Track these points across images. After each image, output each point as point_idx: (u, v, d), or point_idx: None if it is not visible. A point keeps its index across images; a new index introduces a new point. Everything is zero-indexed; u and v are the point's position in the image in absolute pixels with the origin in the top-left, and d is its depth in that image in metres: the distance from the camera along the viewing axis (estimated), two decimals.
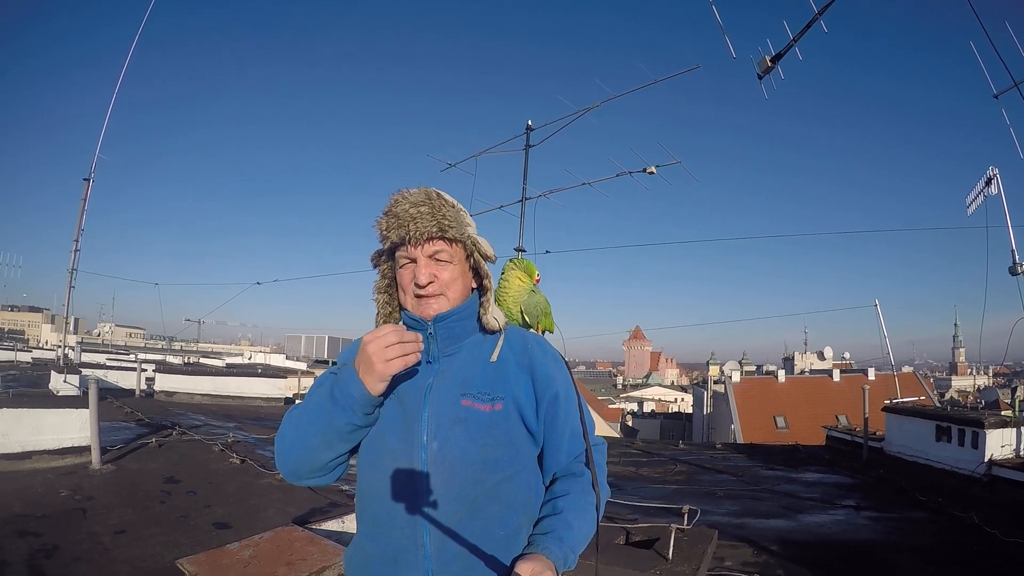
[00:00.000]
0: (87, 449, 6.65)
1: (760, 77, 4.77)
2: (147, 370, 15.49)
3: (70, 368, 11.65)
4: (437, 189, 1.51)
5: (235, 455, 7.49)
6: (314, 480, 1.46)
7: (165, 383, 15.07)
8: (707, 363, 70.94)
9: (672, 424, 48.05)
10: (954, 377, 73.82)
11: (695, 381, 69.57)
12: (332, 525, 4.72)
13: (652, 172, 8.98)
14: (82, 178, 13.69)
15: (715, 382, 41.34)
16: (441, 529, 1.33)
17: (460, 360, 1.48)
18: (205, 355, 35.01)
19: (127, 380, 14.87)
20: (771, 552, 4.76)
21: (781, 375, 36.88)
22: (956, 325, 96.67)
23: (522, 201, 9.73)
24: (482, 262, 1.55)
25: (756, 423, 31.29)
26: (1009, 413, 8.41)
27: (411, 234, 1.42)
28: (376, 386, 1.31)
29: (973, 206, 7.33)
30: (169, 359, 24.63)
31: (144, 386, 14.64)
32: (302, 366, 26.14)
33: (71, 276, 13.08)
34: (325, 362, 32.78)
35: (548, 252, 9.42)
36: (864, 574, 4.51)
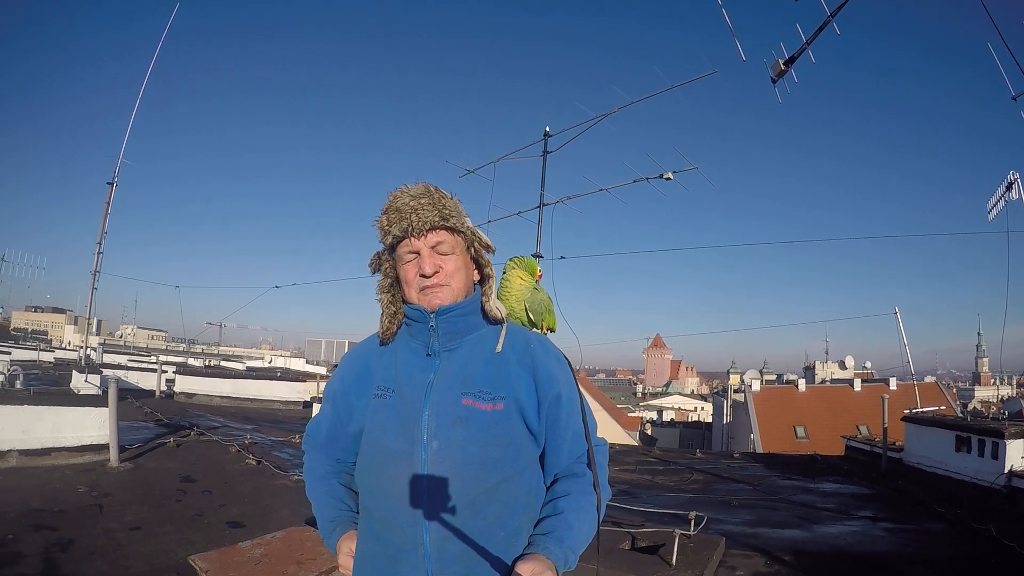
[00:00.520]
0: (106, 447, 6.76)
1: (774, 81, 4.74)
2: (167, 371, 15.70)
3: (91, 368, 11.86)
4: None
5: (251, 456, 7.56)
6: None
7: (185, 385, 15.29)
8: (727, 372, 70.36)
9: (691, 433, 47.70)
10: (977, 387, 72.38)
11: (715, 390, 68.99)
12: None
13: (669, 178, 8.94)
14: (106, 182, 14.00)
15: (735, 391, 40.99)
16: (441, 529, 1.33)
17: (462, 356, 1.48)
18: (226, 358, 35.38)
19: (147, 381, 15.09)
20: (784, 562, 4.69)
21: (802, 384, 36.42)
22: (979, 334, 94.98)
23: (539, 207, 9.74)
24: (483, 252, 1.56)
25: (776, 433, 30.90)
26: None
27: (414, 225, 1.43)
28: None
29: (994, 211, 7.21)
30: (190, 361, 24.90)
31: (164, 387, 14.84)
32: (322, 370, 26.25)
33: (94, 278, 13.35)
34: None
35: (563, 257, 9.39)
36: None
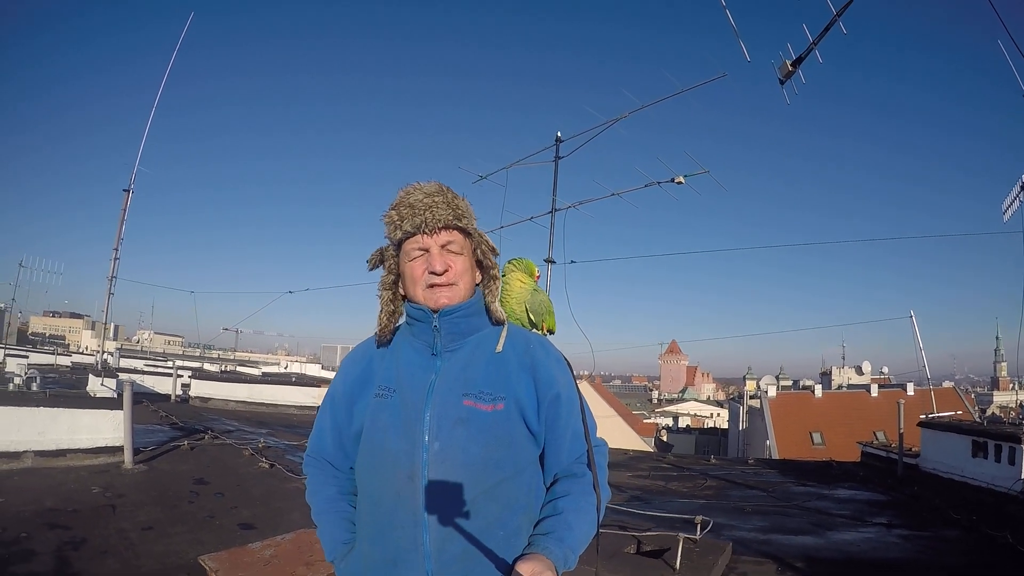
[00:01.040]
0: (120, 449, 6.84)
1: (782, 82, 4.72)
2: (183, 376, 15.83)
3: (108, 372, 12.00)
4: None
5: (265, 459, 7.61)
6: None
7: (200, 389, 15.45)
8: (744, 378, 69.77)
9: (707, 439, 47.37)
10: (996, 392, 71.08)
11: (731, 396, 68.46)
12: None
13: (681, 182, 8.91)
14: (122, 189, 14.20)
15: (751, 397, 40.65)
16: (441, 529, 1.33)
17: (463, 357, 1.48)
18: (242, 363, 35.63)
19: (163, 385, 15.24)
20: (796, 569, 4.64)
21: (818, 390, 36.03)
22: (998, 338, 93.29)
23: (552, 212, 9.75)
24: (488, 254, 1.57)
25: (792, 439, 30.58)
26: None
27: (427, 222, 1.43)
28: None
29: (1009, 212, 7.10)
30: (206, 367, 25.10)
31: (180, 391, 14.97)
32: None
33: (111, 283, 13.53)
34: None
35: (573, 262, 9.39)
36: None
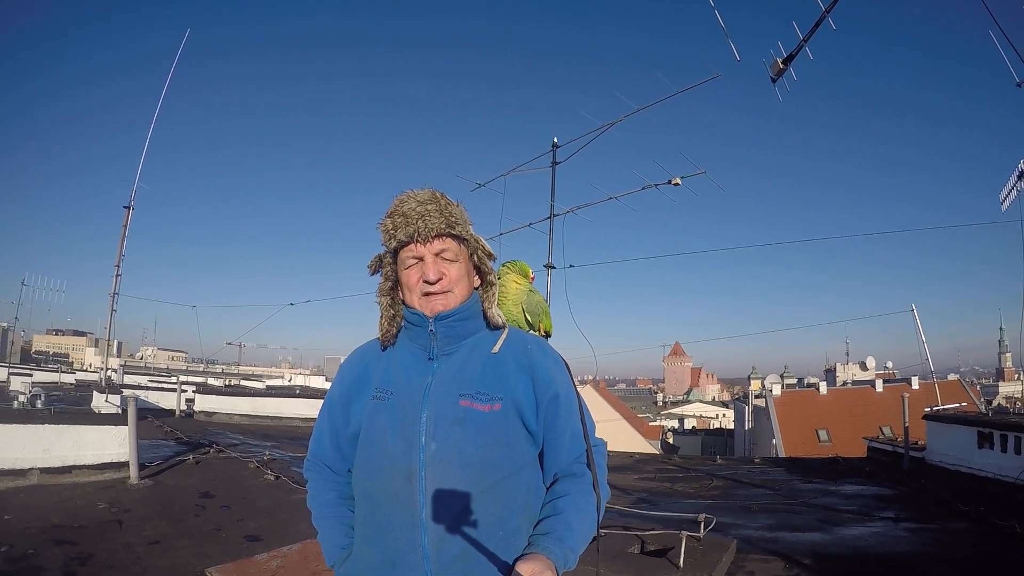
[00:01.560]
0: (126, 464, 6.83)
1: (773, 80, 4.74)
2: (187, 391, 15.81)
3: (112, 389, 12.01)
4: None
5: (270, 472, 7.60)
6: None
7: (205, 403, 15.45)
8: (748, 377, 69.67)
9: (713, 440, 47.23)
10: (1001, 383, 70.74)
11: (736, 396, 68.34)
12: None
13: (678, 183, 8.91)
14: (123, 206, 14.25)
15: (756, 396, 40.59)
16: (440, 530, 1.33)
17: (459, 359, 1.49)
18: (246, 377, 35.64)
19: (167, 401, 15.21)
20: (803, 566, 4.62)
21: (823, 387, 36.02)
22: (1001, 329, 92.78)
23: (550, 218, 9.76)
24: (485, 259, 1.58)
25: (798, 437, 30.52)
26: None
27: (420, 231, 1.44)
28: None
29: (1007, 201, 7.09)
30: (210, 381, 25.08)
31: (184, 406, 14.95)
32: None
33: (113, 300, 13.55)
34: None
35: (572, 266, 9.40)
36: None
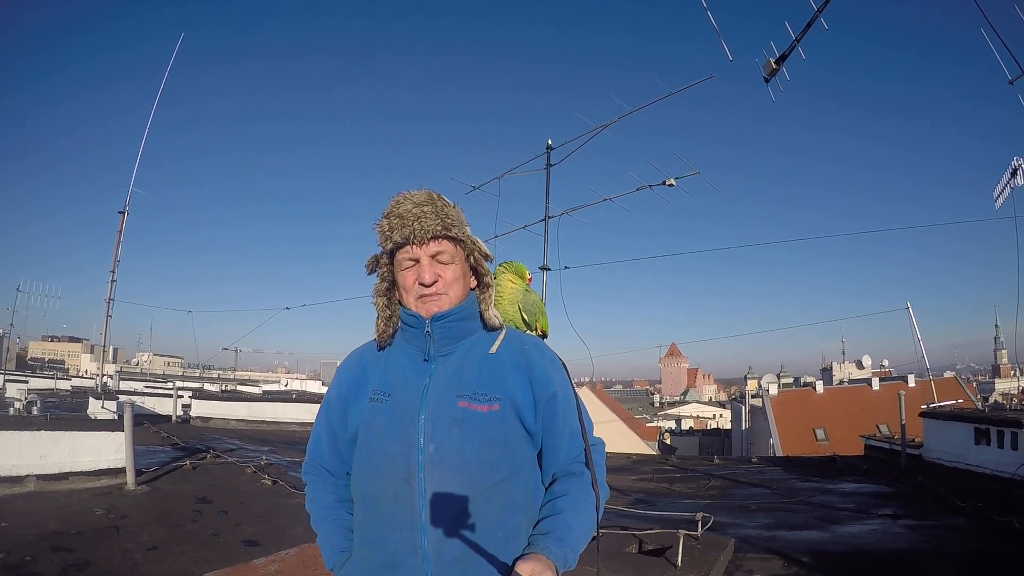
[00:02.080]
0: (122, 471, 6.82)
1: (766, 80, 4.75)
2: (183, 397, 15.79)
3: (108, 395, 11.98)
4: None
5: (267, 476, 7.59)
6: None
7: (201, 409, 15.43)
8: (745, 377, 69.81)
9: (711, 440, 47.32)
10: (997, 380, 71.14)
11: (733, 396, 68.44)
12: None
13: (672, 184, 8.93)
14: (117, 211, 14.22)
15: (753, 396, 40.68)
16: (439, 531, 1.33)
17: (457, 360, 1.48)
18: (242, 383, 35.52)
19: (164, 406, 15.20)
20: (802, 564, 4.63)
21: (819, 386, 36.18)
22: (996, 326, 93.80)
23: (545, 220, 9.76)
24: (482, 261, 1.57)
25: (795, 436, 30.61)
26: None
27: (416, 233, 1.43)
28: None
29: (1000, 199, 7.11)
30: (207, 387, 25.03)
31: (180, 412, 14.93)
32: None
33: (108, 306, 13.51)
34: None
35: (567, 268, 9.40)
36: None
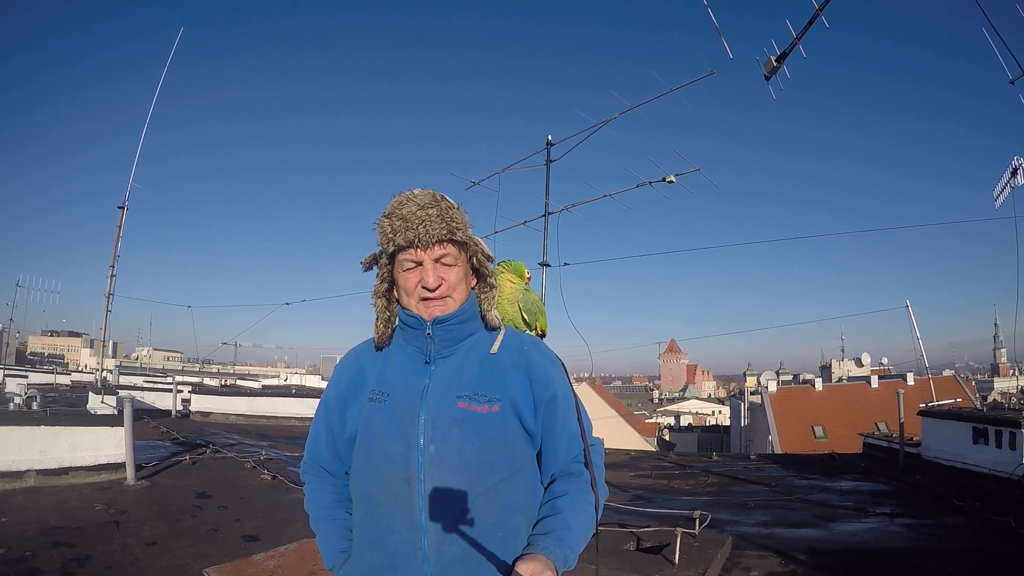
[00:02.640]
0: (122, 465, 6.82)
1: (767, 78, 4.75)
2: (183, 391, 15.79)
3: (107, 390, 12.00)
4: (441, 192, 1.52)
5: (267, 472, 7.60)
6: None
7: (201, 404, 15.45)
8: (744, 374, 69.82)
9: (709, 437, 47.41)
10: (996, 379, 71.20)
11: (732, 393, 68.53)
12: None
13: (672, 181, 8.95)
14: (117, 206, 14.23)
15: (752, 393, 40.72)
16: (439, 532, 1.33)
17: (456, 361, 1.48)
18: (242, 377, 35.51)
19: (163, 401, 15.17)
20: (799, 562, 4.65)
21: (818, 384, 36.19)
22: (996, 324, 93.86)
23: (545, 216, 9.77)
24: (485, 262, 1.56)
25: (794, 433, 30.64)
26: None
27: (420, 237, 1.41)
28: None
29: (1001, 198, 7.09)
30: (206, 381, 25.03)
31: (180, 407, 14.92)
32: None
33: (107, 301, 13.53)
34: None
35: (566, 264, 9.42)
36: None
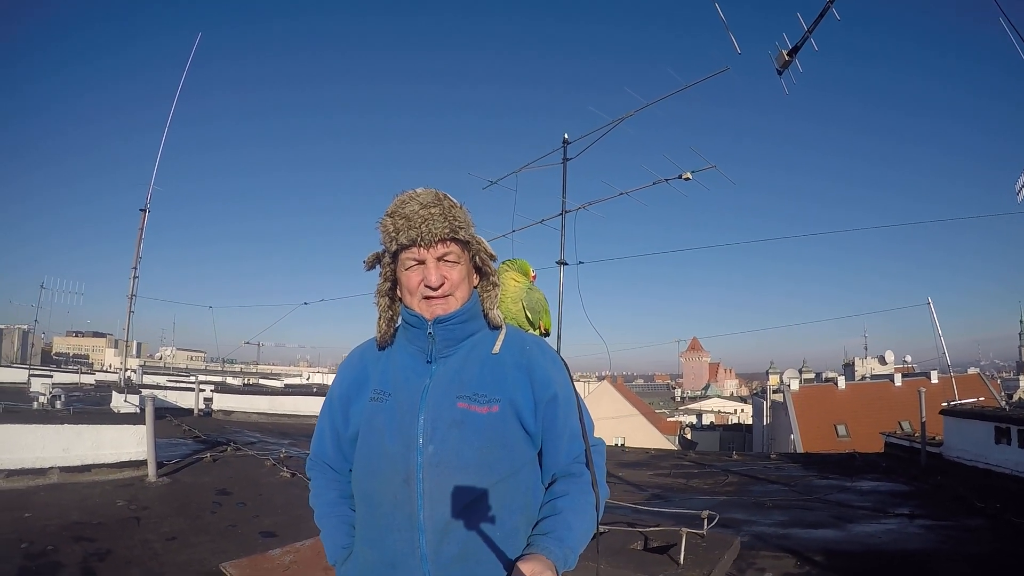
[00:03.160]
0: (144, 463, 6.96)
1: (779, 72, 4.71)
2: (205, 390, 16.00)
3: (131, 389, 12.20)
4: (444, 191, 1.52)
5: (286, 469, 7.69)
6: None
7: (223, 402, 15.67)
8: (766, 372, 69.13)
9: (731, 436, 47.18)
10: (1022, 377, 69.52)
11: (754, 391, 67.94)
12: None
13: (688, 178, 8.85)
14: (139, 209, 14.45)
15: (774, 391, 40.35)
16: (438, 532, 1.34)
17: (457, 361, 1.49)
18: (264, 376, 35.87)
19: (186, 400, 15.40)
20: (814, 563, 4.60)
21: (841, 382, 35.70)
22: (1021, 321, 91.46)
23: (562, 214, 9.74)
24: (488, 260, 1.56)
25: (816, 432, 30.32)
26: None
27: (423, 236, 1.42)
28: None
29: (1023, 193, 6.92)
30: (229, 380, 25.31)
31: (202, 405, 15.13)
32: None
33: (130, 302, 13.74)
34: None
35: (581, 263, 9.38)
36: None
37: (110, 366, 44.27)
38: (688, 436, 47.82)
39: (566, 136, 9.94)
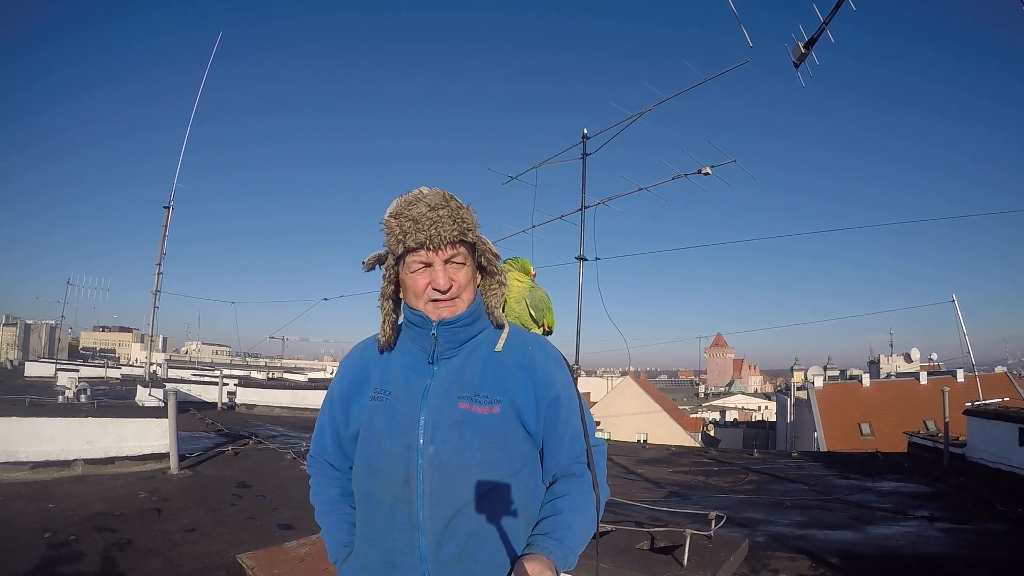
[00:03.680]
0: (166, 455, 7.12)
1: (796, 65, 4.65)
2: (229, 384, 16.24)
3: (156, 383, 12.41)
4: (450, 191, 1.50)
5: (306, 463, 7.79)
6: None
7: (246, 397, 15.89)
8: (791, 369, 68.40)
9: (755, 433, 46.70)
10: None
11: (778, 388, 67.24)
12: None
13: (708, 173, 8.78)
14: (162, 206, 14.68)
15: (798, 389, 39.88)
16: (438, 532, 1.34)
17: (460, 361, 1.49)
18: (288, 371, 36.26)
19: (210, 394, 15.67)
20: (830, 565, 4.55)
21: (866, 379, 35.13)
22: None
23: (581, 210, 9.72)
24: (493, 260, 1.55)
25: (840, 430, 29.88)
26: None
27: (432, 239, 1.39)
28: None
29: None
30: (253, 375, 25.64)
31: (226, 399, 15.37)
32: None
33: (155, 297, 13.98)
34: None
35: (598, 259, 9.35)
36: None
37: (136, 360, 45.11)
38: (711, 433, 47.45)
39: (585, 131, 9.91)
